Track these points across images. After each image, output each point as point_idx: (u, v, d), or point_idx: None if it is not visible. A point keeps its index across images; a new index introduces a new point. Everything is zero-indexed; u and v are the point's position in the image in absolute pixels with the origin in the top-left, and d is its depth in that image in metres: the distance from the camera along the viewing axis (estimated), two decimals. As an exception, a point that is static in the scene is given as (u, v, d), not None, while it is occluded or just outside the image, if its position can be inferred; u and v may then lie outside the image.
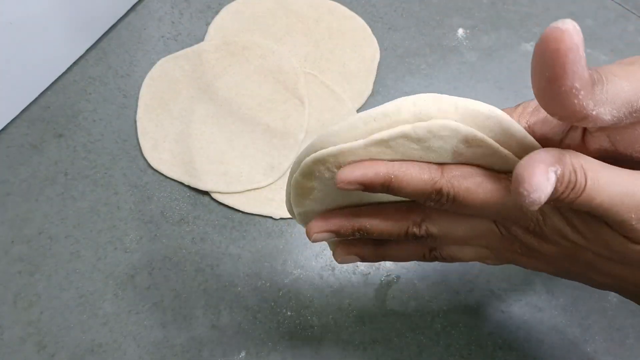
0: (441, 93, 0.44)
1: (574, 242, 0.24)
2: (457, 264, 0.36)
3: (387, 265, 0.39)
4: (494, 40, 0.48)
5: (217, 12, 0.48)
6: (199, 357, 0.36)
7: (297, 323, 0.37)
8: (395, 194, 0.23)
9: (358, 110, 0.44)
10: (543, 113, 0.25)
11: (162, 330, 0.36)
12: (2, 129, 0.43)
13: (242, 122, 0.43)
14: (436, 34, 0.48)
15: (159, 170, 0.41)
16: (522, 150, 0.23)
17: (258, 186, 0.41)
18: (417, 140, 0.22)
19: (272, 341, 0.36)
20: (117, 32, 0.47)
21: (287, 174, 0.41)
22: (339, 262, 0.28)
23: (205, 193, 0.41)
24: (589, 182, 0.20)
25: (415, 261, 0.29)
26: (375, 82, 0.45)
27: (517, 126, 0.23)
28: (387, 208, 0.25)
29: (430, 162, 0.23)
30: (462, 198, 0.23)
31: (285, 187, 0.41)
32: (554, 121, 0.24)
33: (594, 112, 0.20)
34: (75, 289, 0.38)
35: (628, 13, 0.50)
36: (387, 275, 0.39)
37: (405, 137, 0.21)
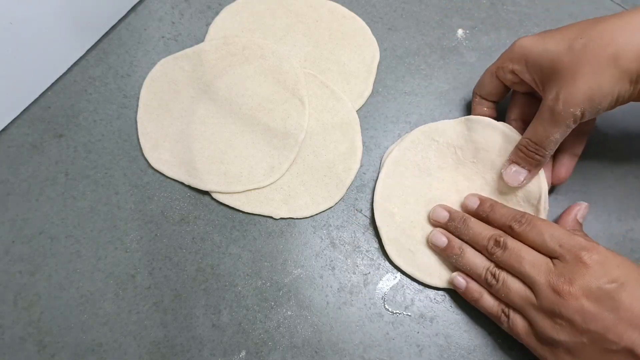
0: (440, 93, 0.46)
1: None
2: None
3: (387, 265, 0.39)
4: (494, 40, 0.48)
5: (217, 13, 0.48)
6: (199, 357, 0.36)
7: (297, 323, 0.37)
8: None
9: (358, 111, 0.44)
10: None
11: (163, 329, 0.37)
12: (3, 129, 0.43)
13: (242, 122, 0.43)
14: (436, 34, 0.48)
15: (160, 170, 0.41)
16: None
17: (258, 186, 0.41)
18: None
19: (272, 341, 0.36)
20: (117, 32, 0.47)
21: (287, 173, 0.41)
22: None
23: (206, 193, 0.41)
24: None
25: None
26: (375, 82, 0.45)
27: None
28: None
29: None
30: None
31: (285, 187, 0.41)
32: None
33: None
34: (75, 288, 0.38)
35: (627, 13, 0.50)
36: (387, 275, 0.39)
37: None
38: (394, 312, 0.38)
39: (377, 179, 0.41)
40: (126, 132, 0.43)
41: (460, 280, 0.36)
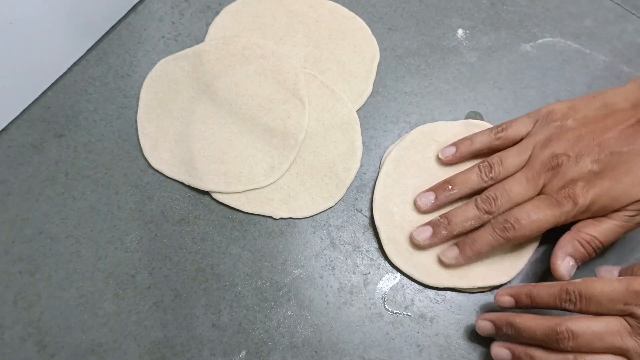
0: (441, 93, 0.46)
1: None
2: None
3: (387, 265, 0.39)
4: (494, 40, 0.48)
5: (217, 13, 0.48)
6: (199, 357, 0.36)
7: (297, 323, 0.37)
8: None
9: (358, 111, 0.44)
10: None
11: (163, 329, 0.37)
12: (3, 129, 0.43)
13: (242, 122, 0.43)
14: (436, 34, 0.48)
15: (160, 170, 0.41)
16: None
17: (258, 186, 0.41)
18: None
19: (272, 341, 0.36)
20: (117, 32, 0.47)
21: (287, 173, 0.41)
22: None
23: (206, 193, 0.41)
24: None
25: None
26: (375, 83, 0.45)
27: None
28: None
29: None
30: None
31: (285, 187, 0.41)
32: None
33: None
34: (75, 288, 0.38)
35: (627, 13, 0.50)
36: (387, 275, 0.39)
37: None
38: (394, 312, 0.38)
39: (377, 179, 0.41)
40: (126, 132, 0.43)
41: (502, 351, 0.33)
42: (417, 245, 0.38)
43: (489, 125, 0.42)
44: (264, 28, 0.47)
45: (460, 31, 0.48)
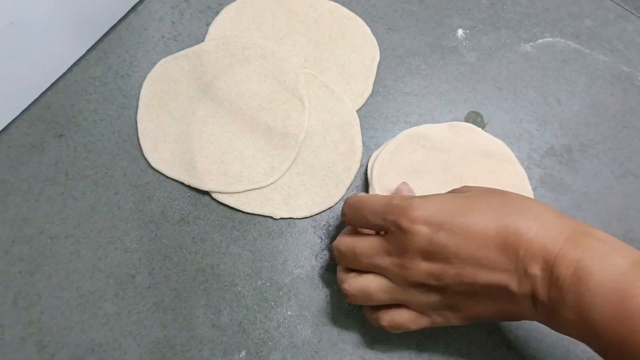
0: (441, 93, 0.46)
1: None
2: None
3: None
4: (494, 40, 0.48)
5: (217, 13, 0.48)
6: (199, 357, 0.36)
7: (297, 323, 0.37)
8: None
9: (358, 111, 0.44)
10: None
11: (163, 329, 0.37)
12: (3, 129, 0.43)
13: (242, 122, 0.43)
14: (436, 34, 0.48)
15: (160, 170, 0.41)
16: None
17: (258, 186, 0.41)
18: None
19: (272, 341, 0.36)
20: (117, 32, 0.47)
21: (287, 173, 0.41)
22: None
23: (206, 193, 0.41)
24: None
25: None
26: (375, 83, 0.45)
27: None
28: None
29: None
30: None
31: (285, 187, 0.41)
32: None
33: None
34: (75, 288, 0.38)
35: (627, 13, 0.50)
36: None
37: None
38: (394, 312, 0.38)
39: (365, 183, 0.41)
40: (126, 132, 0.43)
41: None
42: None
43: (475, 128, 0.43)
44: (264, 28, 0.47)
45: (460, 31, 0.48)
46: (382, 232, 0.32)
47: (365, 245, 0.32)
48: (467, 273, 0.29)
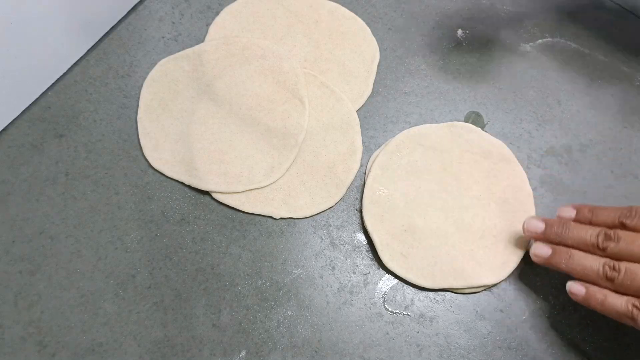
0: (441, 93, 0.46)
1: None
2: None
3: (387, 265, 0.39)
4: (494, 40, 0.48)
5: (217, 13, 0.48)
6: (199, 357, 0.36)
7: (297, 323, 0.37)
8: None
9: (358, 111, 0.44)
10: None
11: (163, 329, 0.37)
12: (3, 129, 0.43)
13: (242, 122, 0.43)
14: (436, 34, 0.48)
15: (160, 170, 0.41)
16: None
17: (258, 186, 0.41)
18: None
19: (272, 341, 0.36)
20: (117, 32, 0.47)
21: (287, 173, 0.41)
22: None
23: (206, 193, 0.41)
24: None
25: None
26: (375, 82, 0.45)
27: None
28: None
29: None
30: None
31: (285, 187, 0.41)
32: None
33: None
34: (76, 288, 0.38)
35: (627, 13, 0.50)
36: (387, 275, 0.39)
37: None
38: (394, 312, 0.38)
39: (364, 184, 0.41)
40: (126, 132, 0.43)
41: (578, 286, 0.34)
42: (534, 256, 0.36)
43: (475, 128, 0.43)
44: (264, 28, 0.47)
45: (460, 31, 0.48)
46: None
47: None
48: None
